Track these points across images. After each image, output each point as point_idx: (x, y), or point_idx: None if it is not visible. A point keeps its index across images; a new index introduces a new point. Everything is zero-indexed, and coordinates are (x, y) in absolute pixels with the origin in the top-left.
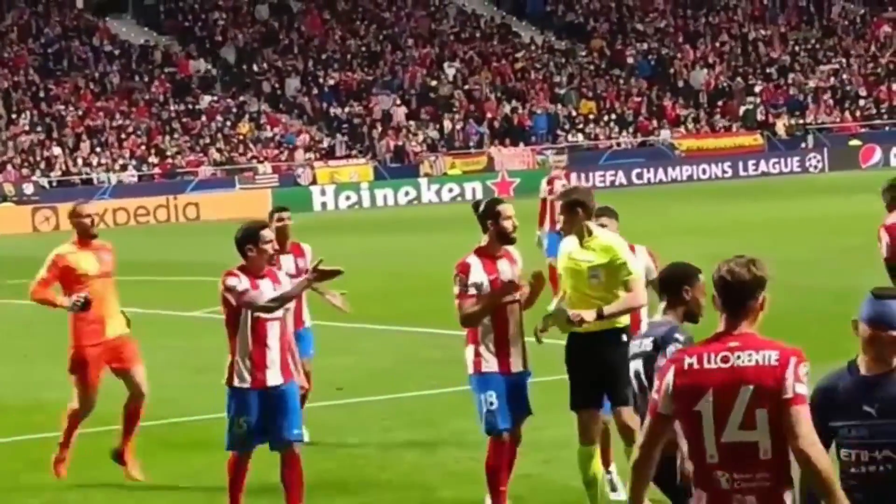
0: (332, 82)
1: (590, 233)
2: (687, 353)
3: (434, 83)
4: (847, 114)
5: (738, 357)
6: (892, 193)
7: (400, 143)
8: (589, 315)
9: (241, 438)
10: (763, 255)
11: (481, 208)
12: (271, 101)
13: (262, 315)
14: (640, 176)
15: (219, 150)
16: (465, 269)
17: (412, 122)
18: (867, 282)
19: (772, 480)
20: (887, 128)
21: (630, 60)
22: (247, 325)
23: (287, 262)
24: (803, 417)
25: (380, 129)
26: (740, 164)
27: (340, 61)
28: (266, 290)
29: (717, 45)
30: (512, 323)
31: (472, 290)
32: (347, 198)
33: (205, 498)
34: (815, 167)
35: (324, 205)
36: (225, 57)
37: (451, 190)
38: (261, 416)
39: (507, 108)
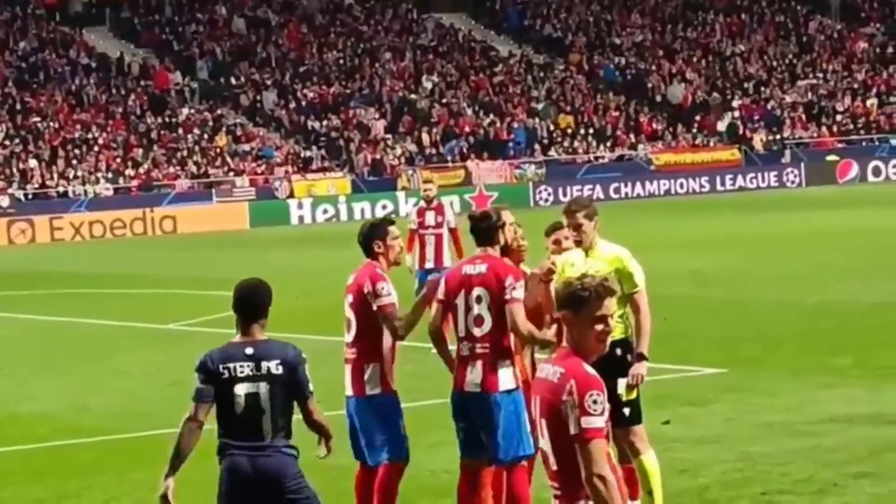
0: (309, 95)
1: (595, 243)
2: None
3: (412, 97)
4: (824, 129)
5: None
6: None
7: (378, 156)
8: (644, 368)
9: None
10: (740, 269)
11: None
12: (248, 114)
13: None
14: (617, 190)
15: (196, 164)
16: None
17: (390, 136)
18: (842, 297)
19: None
20: (864, 143)
21: (618, 80)
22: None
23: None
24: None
25: (357, 142)
26: (717, 179)
27: (318, 74)
28: (395, 293)
29: (695, 59)
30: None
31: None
32: (325, 211)
33: None
34: (793, 182)
35: (301, 218)
36: (202, 70)
37: None
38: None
39: (485, 122)
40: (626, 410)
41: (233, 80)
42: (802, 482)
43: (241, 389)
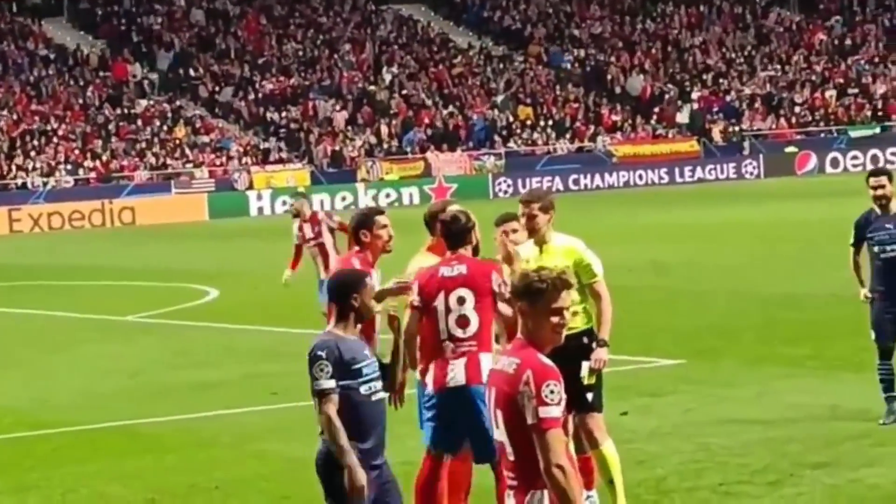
0: (268, 87)
1: (548, 237)
2: None
3: (371, 88)
4: (783, 121)
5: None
6: None
7: (337, 147)
8: (606, 353)
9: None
10: (699, 260)
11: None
12: (207, 105)
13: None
14: (576, 182)
15: (155, 155)
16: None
17: (349, 127)
18: (800, 288)
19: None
20: (823, 135)
21: (567, 66)
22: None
23: None
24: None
25: (317, 133)
26: (677, 171)
27: (277, 66)
28: (376, 282)
29: (654, 51)
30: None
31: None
32: (284, 203)
33: (138, 501)
34: (751, 173)
35: (260, 210)
36: (161, 61)
37: (388, 195)
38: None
39: (444, 114)
40: (589, 396)
41: (191, 72)
42: (759, 472)
43: None
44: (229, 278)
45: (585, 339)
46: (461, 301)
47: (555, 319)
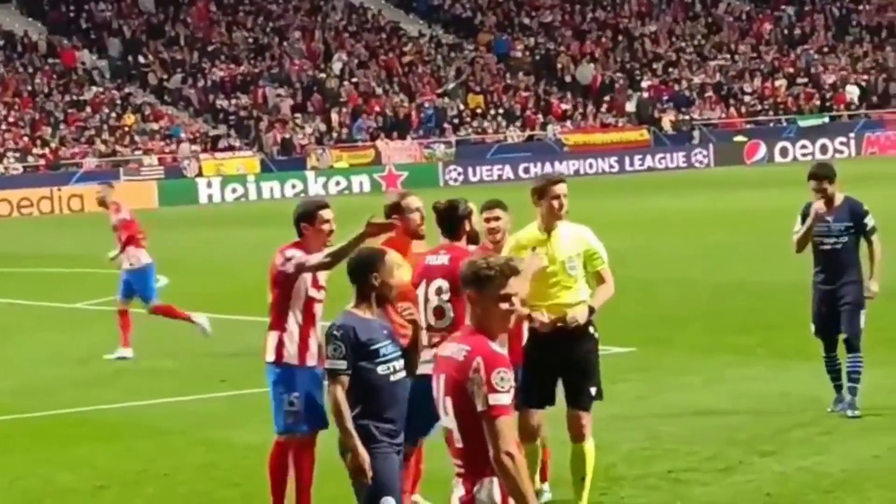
0: (218, 74)
1: (555, 224)
2: None
3: (321, 76)
4: (732, 110)
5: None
6: None
7: (287, 135)
8: (583, 315)
9: (295, 417)
10: (649, 249)
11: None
12: (157, 92)
13: (315, 296)
14: (527, 170)
15: (104, 142)
16: None
17: (299, 115)
18: (749, 276)
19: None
20: (772, 124)
21: (518, 55)
22: (299, 302)
23: None
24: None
25: (266, 121)
26: (627, 159)
27: (227, 53)
28: (321, 273)
29: (604, 40)
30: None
31: None
32: (233, 190)
33: (88, 488)
34: (701, 162)
35: (210, 197)
36: (110, 48)
37: (338, 183)
38: (305, 396)
39: (394, 102)
40: (593, 390)
41: (141, 59)
42: (709, 460)
43: None
44: (179, 266)
45: (591, 329)
46: (438, 291)
47: (504, 306)
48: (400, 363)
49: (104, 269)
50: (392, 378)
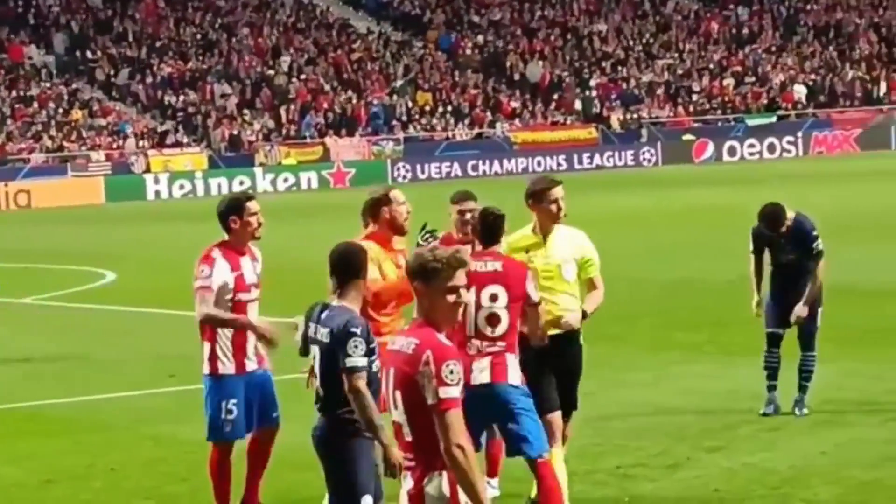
0: (166, 70)
1: (551, 227)
2: None
3: (270, 73)
4: (681, 108)
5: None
6: None
7: (235, 132)
8: (576, 320)
9: (232, 425)
10: (597, 246)
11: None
12: (104, 88)
13: (245, 298)
14: (475, 168)
15: (51, 138)
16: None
17: (247, 112)
18: (698, 274)
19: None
20: (720, 123)
21: (467, 52)
22: (226, 306)
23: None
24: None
25: (214, 117)
26: (575, 157)
27: (175, 50)
28: (248, 272)
29: (553, 38)
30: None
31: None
32: (181, 186)
33: (34, 482)
34: (649, 161)
35: (157, 193)
36: (58, 44)
37: (286, 180)
38: (244, 402)
39: (343, 99)
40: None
41: (89, 55)
42: (657, 456)
43: (312, 350)
44: (126, 261)
45: (581, 340)
46: (493, 298)
47: (451, 298)
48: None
49: (53, 265)
50: (377, 373)
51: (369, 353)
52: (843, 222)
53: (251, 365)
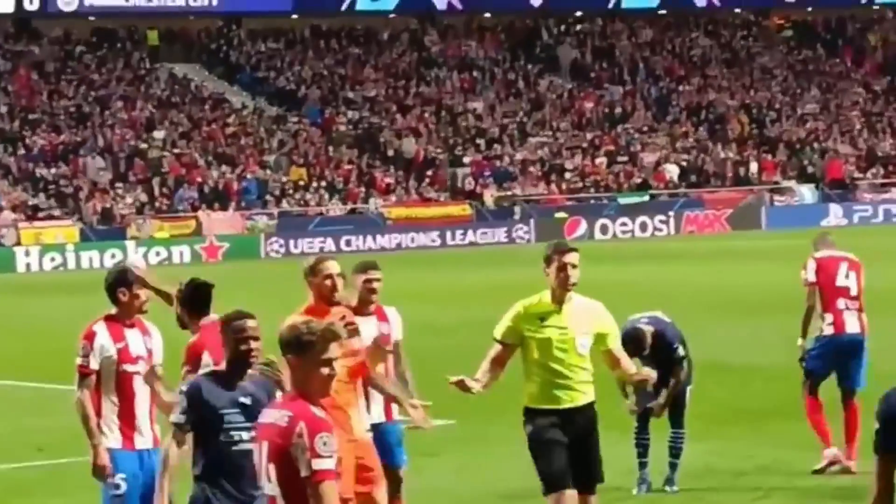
0: (39, 143)
1: (567, 296)
2: None
3: (143, 146)
4: (554, 186)
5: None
6: None
7: (107, 205)
8: (651, 374)
9: (120, 500)
10: (471, 321)
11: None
12: None
13: (130, 370)
14: (349, 243)
15: None
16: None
17: (120, 185)
18: None
19: None
20: (592, 200)
21: (341, 128)
22: (110, 384)
23: (369, 326)
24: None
25: (86, 190)
26: (448, 234)
27: (48, 122)
28: (134, 344)
29: (427, 115)
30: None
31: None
32: (52, 259)
33: None
34: (523, 238)
35: (28, 266)
36: None
37: (158, 253)
38: (131, 478)
39: (216, 173)
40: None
41: None
42: None
43: None
44: None
45: (595, 412)
46: None
47: (325, 371)
48: (246, 434)
49: None
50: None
51: (191, 414)
52: (714, 300)
53: (143, 441)
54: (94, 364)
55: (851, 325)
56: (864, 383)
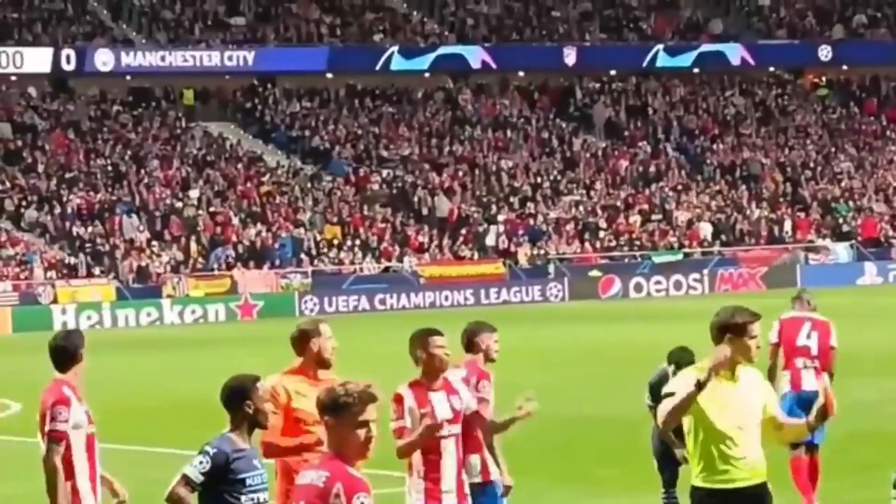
0: (75, 202)
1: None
2: None
3: (179, 205)
4: (587, 245)
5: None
6: None
7: (143, 263)
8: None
9: None
10: (502, 381)
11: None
12: (13, 219)
13: (91, 431)
14: (383, 301)
15: None
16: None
17: (156, 243)
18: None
19: None
20: (626, 259)
21: (375, 187)
22: (81, 444)
23: (440, 402)
24: None
25: (123, 249)
26: (482, 292)
27: (84, 181)
28: None
29: (461, 174)
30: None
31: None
32: (88, 317)
33: None
34: (556, 296)
35: (64, 324)
36: None
37: (193, 311)
38: None
39: (251, 232)
40: None
41: None
42: None
43: None
44: (32, 392)
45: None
46: None
47: (362, 433)
48: (264, 495)
49: None
50: None
51: (213, 476)
52: None
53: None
54: (65, 429)
55: (808, 383)
56: (821, 439)
